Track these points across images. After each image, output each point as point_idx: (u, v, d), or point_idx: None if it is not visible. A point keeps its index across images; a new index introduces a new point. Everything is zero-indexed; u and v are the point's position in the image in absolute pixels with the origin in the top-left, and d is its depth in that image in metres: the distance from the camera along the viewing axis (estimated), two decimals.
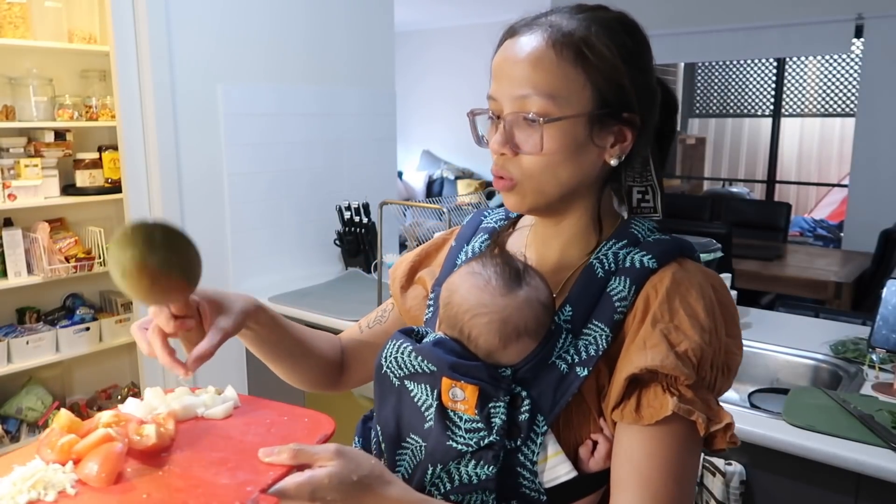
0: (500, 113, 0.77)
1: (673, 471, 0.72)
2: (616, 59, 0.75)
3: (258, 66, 2.53)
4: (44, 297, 2.76)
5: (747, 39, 4.63)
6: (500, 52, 0.78)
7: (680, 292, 0.75)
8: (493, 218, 0.94)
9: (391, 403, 0.79)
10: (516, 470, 0.74)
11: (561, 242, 0.84)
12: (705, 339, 0.72)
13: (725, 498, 1.52)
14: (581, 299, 0.77)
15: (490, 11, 7.45)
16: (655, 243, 0.79)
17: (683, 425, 0.71)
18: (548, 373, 0.75)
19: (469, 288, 0.77)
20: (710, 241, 2.17)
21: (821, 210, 6.52)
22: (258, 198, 2.59)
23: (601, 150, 0.78)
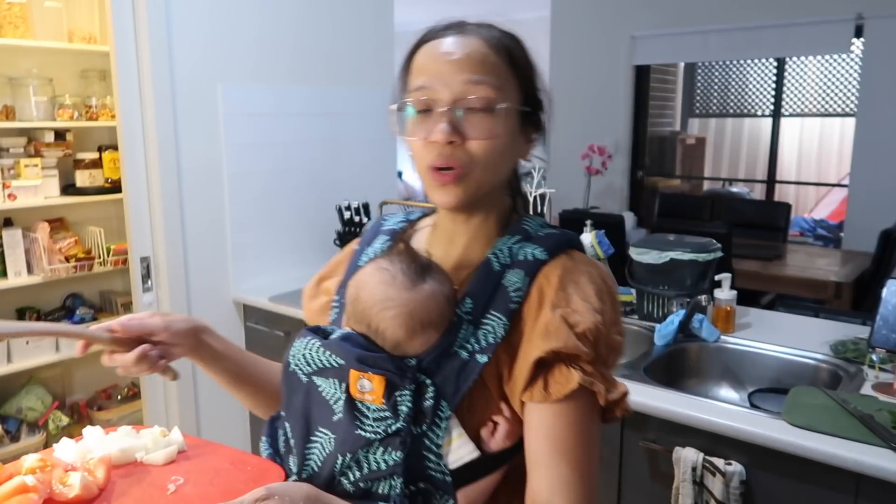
0: (434, 105, 0.80)
1: (584, 440, 0.78)
2: (532, 66, 0.85)
3: (258, 65, 2.53)
4: (44, 297, 2.76)
5: (747, 39, 4.63)
6: (429, 50, 0.82)
7: (572, 279, 0.81)
8: (393, 221, 1.00)
9: (299, 400, 0.83)
10: (423, 454, 0.78)
11: (466, 239, 0.88)
12: (599, 319, 0.78)
13: (725, 498, 1.52)
14: (480, 292, 0.82)
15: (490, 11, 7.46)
16: (546, 237, 0.85)
17: (587, 397, 0.78)
18: (450, 361, 0.79)
19: (376, 283, 0.81)
20: (710, 241, 2.17)
21: (821, 210, 6.52)
22: (258, 197, 2.59)
23: (524, 144, 0.87)
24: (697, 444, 1.59)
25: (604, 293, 0.82)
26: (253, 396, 1.03)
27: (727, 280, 2.09)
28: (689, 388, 1.98)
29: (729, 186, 6.68)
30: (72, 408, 2.77)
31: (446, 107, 0.79)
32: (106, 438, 0.81)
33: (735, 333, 2.07)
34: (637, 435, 1.70)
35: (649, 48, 5.03)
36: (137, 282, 2.35)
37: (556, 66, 5.48)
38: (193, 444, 0.85)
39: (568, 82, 5.40)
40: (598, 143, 4.81)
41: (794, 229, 5.72)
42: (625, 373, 1.81)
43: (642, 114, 5.33)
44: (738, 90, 6.49)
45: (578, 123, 5.34)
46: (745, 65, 6.31)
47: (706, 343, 2.03)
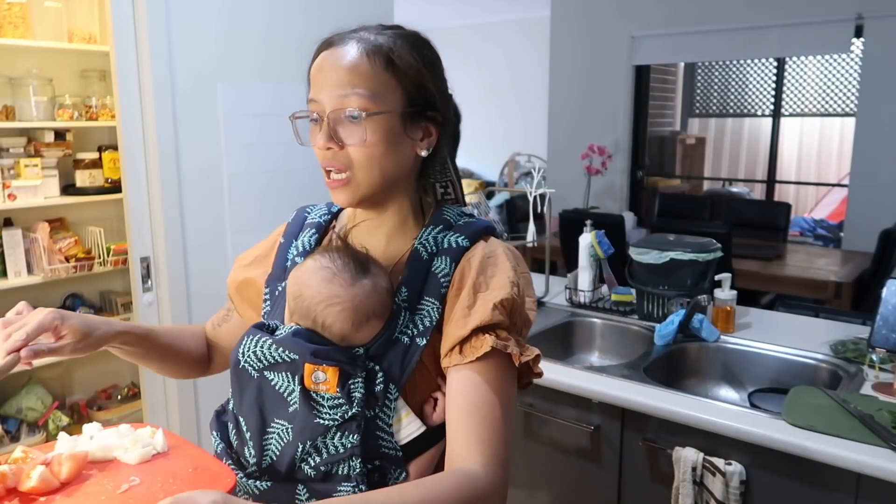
0: (322, 114, 0.88)
1: (499, 397, 0.84)
2: (419, 65, 0.89)
3: (258, 65, 2.53)
4: (44, 297, 2.76)
5: (747, 39, 4.63)
6: (317, 62, 0.90)
7: (491, 262, 0.90)
8: (316, 213, 1.06)
9: (252, 394, 0.87)
10: (376, 434, 0.85)
11: (385, 233, 0.96)
12: (515, 291, 0.87)
13: (725, 498, 1.52)
14: (413, 280, 0.90)
15: (489, 12, 7.46)
16: (465, 226, 0.94)
17: (501, 359, 0.85)
18: (394, 347, 0.87)
19: (319, 281, 0.86)
20: (710, 241, 2.17)
21: (821, 210, 6.52)
22: (258, 197, 2.59)
23: (413, 142, 0.91)
24: (697, 443, 1.59)
25: (519, 271, 0.90)
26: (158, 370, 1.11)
27: (727, 280, 2.09)
28: (689, 388, 1.98)
29: (729, 186, 6.69)
30: (72, 408, 2.77)
31: (324, 117, 0.87)
32: (99, 435, 0.86)
33: (735, 333, 2.07)
34: (637, 435, 1.70)
35: (649, 48, 5.03)
36: (137, 282, 2.35)
37: (556, 66, 5.48)
38: (177, 444, 0.89)
39: (568, 82, 5.41)
40: (598, 143, 4.81)
41: (794, 229, 5.72)
42: (625, 373, 1.81)
43: (642, 114, 5.33)
44: (738, 90, 6.49)
45: (578, 123, 5.34)
46: (745, 65, 6.31)
47: (706, 343, 2.03)
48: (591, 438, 1.78)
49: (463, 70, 7.37)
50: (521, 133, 7.20)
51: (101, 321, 0.98)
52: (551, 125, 5.56)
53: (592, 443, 1.78)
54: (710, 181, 6.94)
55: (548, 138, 5.60)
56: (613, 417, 1.74)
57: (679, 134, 6.60)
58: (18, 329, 0.87)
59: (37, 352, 0.87)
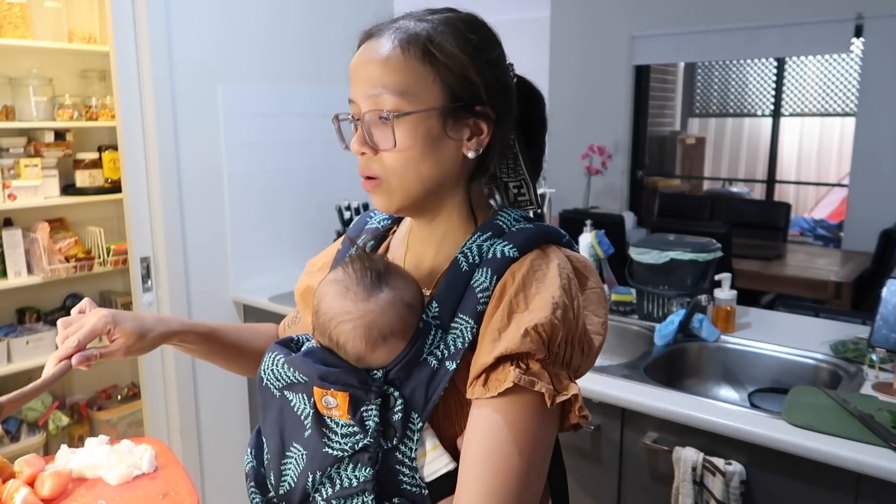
0: (359, 115, 0.80)
1: (518, 442, 0.72)
2: (461, 54, 0.78)
3: (258, 65, 2.53)
4: (44, 298, 2.76)
5: (747, 39, 4.63)
6: (354, 57, 0.82)
7: (536, 277, 0.76)
8: (377, 219, 0.97)
9: (274, 414, 0.81)
10: (395, 468, 0.75)
11: (437, 240, 0.86)
12: (557, 315, 0.73)
13: (725, 498, 1.52)
14: (447, 294, 0.79)
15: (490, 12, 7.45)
16: (518, 232, 0.81)
17: (530, 397, 0.72)
18: (419, 370, 0.76)
19: (332, 295, 0.78)
20: (710, 241, 2.17)
21: (821, 210, 6.52)
22: (258, 197, 2.59)
23: (458, 143, 0.80)
24: (697, 443, 1.59)
25: (573, 288, 0.78)
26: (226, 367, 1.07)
27: (727, 280, 2.09)
28: (689, 388, 1.98)
29: (729, 186, 6.69)
30: (72, 408, 2.77)
31: (359, 119, 0.80)
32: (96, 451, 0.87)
33: (735, 333, 2.07)
34: (637, 435, 1.70)
35: (649, 48, 5.03)
36: (137, 282, 2.35)
37: (556, 66, 5.48)
38: (165, 464, 0.88)
39: (568, 82, 5.41)
40: (598, 142, 4.81)
41: (794, 229, 5.72)
42: (625, 373, 1.81)
43: (642, 114, 5.33)
44: (738, 90, 6.49)
45: (578, 123, 5.34)
46: (745, 65, 6.31)
47: (706, 343, 2.03)
48: (591, 438, 1.78)
49: None
50: None
51: (156, 321, 0.94)
52: (551, 125, 5.53)
53: (592, 443, 1.78)
54: (710, 181, 6.94)
55: (548, 138, 5.60)
56: (613, 417, 1.73)
57: (679, 134, 6.60)
58: (73, 334, 0.87)
59: (89, 357, 0.86)
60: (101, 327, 0.88)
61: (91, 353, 0.86)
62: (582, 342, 0.76)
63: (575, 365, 0.77)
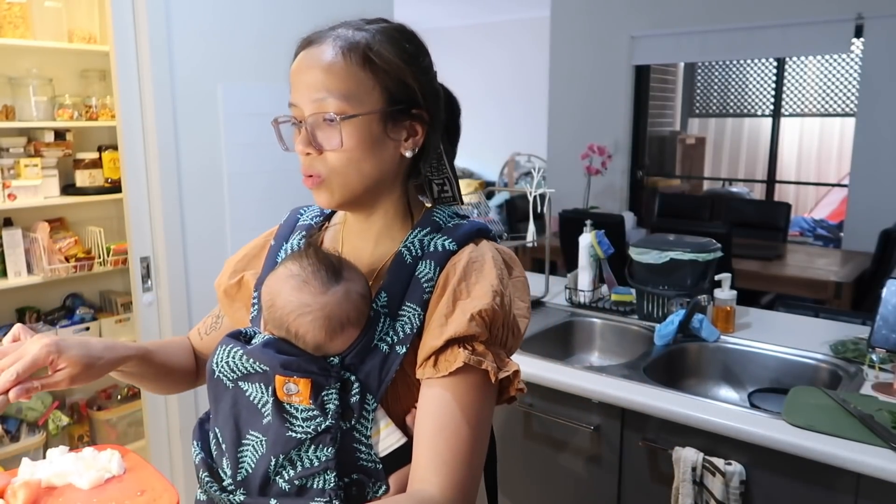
0: (302, 118, 0.85)
1: (468, 417, 0.80)
2: (398, 61, 0.84)
3: (258, 65, 2.53)
4: (44, 297, 2.76)
5: (747, 39, 4.62)
6: (295, 63, 0.87)
7: (475, 268, 0.84)
8: (308, 215, 1.01)
9: (227, 405, 0.85)
10: (353, 446, 0.82)
11: (374, 235, 0.92)
12: (497, 301, 0.81)
13: (725, 498, 1.52)
14: (394, 285, 0.86)
15: (489, 12, 7.46)
16: (455, 228, 0.89)
17: (476, 375, 0.80)
18: (372, 355, 0.83)
19: (290, 290, 0.83)
20: (710, 241, 2.17)
21: (821, 210, 6.52)
22: (258, 197, 2.59)
23: (396, 143, 0.87)
24: (697, 444, 1.59)
25: (505, 277, 0.86)
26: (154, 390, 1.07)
27: (727, 280, 2.09)
28: (689, 388, 1.98)
29: (729, 186, 6.69)
30: (72, 408, 2.77)
31: (302, 122, 0.85)
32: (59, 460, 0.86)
33: (735, 333, 2.07)
34: (637, 435, 1.70)
35: (649, 48, 5.03)
36: (137, 282, 2.35)
37: (556, 67, 5.48)
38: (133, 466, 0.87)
39: (567, 82, 5.41)
40: (598, 142, 4.81)
41: (794, 229, 5.72)
42: (625, 373, 1.81)
43: (642, 114, 5.33)
44: (738, 90, 6.49)
45: (578, 123, 5.34)
46: (745, 65, 6.31)
47: (706, 343, 2.03)
48: (591, 438, 1.78)
49: (463, 70, 7.36)
50: (521, 133, 7.20)
51: (103, 348, 0.90)
52: (551, 125, 5.56)
53: (592, 443, 1.78)
54: (709, 181, 6.94)
55: (548, 138, 5.60)
56: (613, 417, 1.74)
57: (679, 134, 6.60)
58: (10, 365, 0.81)
59: (28, 389, 0.81)
60: (42, 357, 0.82)
61: (31, 384, 0.82)
62: (513, 325, 0.85)
63: (509, 345, 0.85)
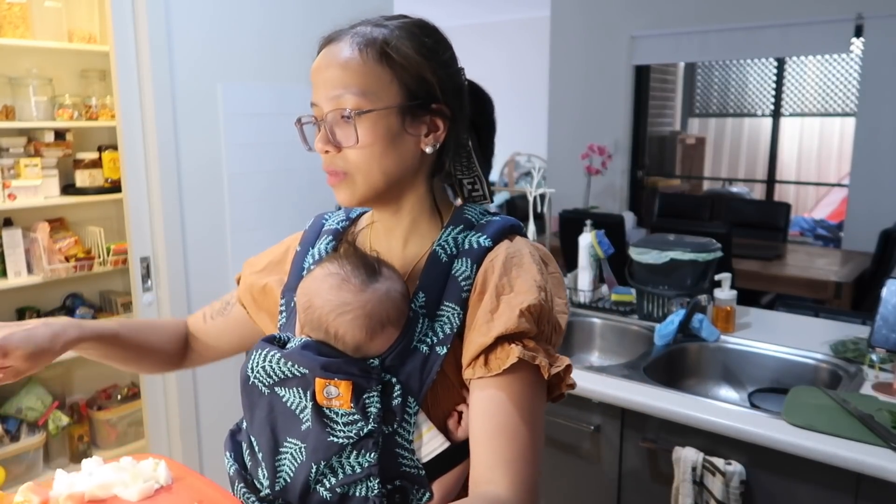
0: (322, 116, 0.85)
1: (525, 415, 0.78)
2: (416, 55, 0.83)
3: (258, 65, 2.53)
4: (44, 297, 2.76)
5: (747, 39, 4.63)
6: (315, 62, 0.86)
7: (514, 263, 0.83)
8: (334, 220, 1.00)
9: (263, 412, 0.83)
10: (395, 451, 0.79)
11: (403, 233, 0.90)
12: (542, 297, 0.80)
13: (725, 498, 1.52)
14: (431, 284, 0.84)
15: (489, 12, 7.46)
16: (488, 224, 0.88)
17: (529, 372, 0.79)
18: (412, 357, 0.81)
19: (328, 288, 0.81)
20: (710, 241, 2.17)
21: (821, 210, 6.52)
22: (258, 197, 2.59)
23: (416, 138, 0.85)
24: (697, 443, 1.59)
25: (546, 273, 0.85)
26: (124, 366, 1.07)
27: (727, 280, 2.09)
28: (689, 388, 1.98)
29: (729, 186, 6.69)
30: (72, 408, 2.77)
31: (322, 120, 0.84)
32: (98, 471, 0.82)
33: (735, 333, 2.07)
34: (637, 435, 1.70)
35: (649, 48, 5.03)
36: (137, 282, 2.35)
37: (556, 66, 5.48)
38: (181, 476, 0.83)
39: (568, 82, 5.40)
40: (598, 142, 4.81)
41: (794, 229, 5.72)
42: (625, 373, 1.81)
43: (642, 114, 5.33)
44: (738, 90, 6.50)
45: (578, 123, 5.34)
46: (745, 65, 6.32)
47: (706, 343, 2.03)
48: (591, 438, 1.78)
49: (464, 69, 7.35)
50: (521, 133, 7.19)
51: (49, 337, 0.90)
52: (551, 125, 5.56)
53: (592, 443, 1.78)
54: (710, 181, 6.94)
55: (548, 138, 5.60)
56: (613, 417, 1.74)
57: (679, 134, 6.60)
58: None
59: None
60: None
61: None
62: (555, 321, 0.83)
63: (553, 341, 0.83)
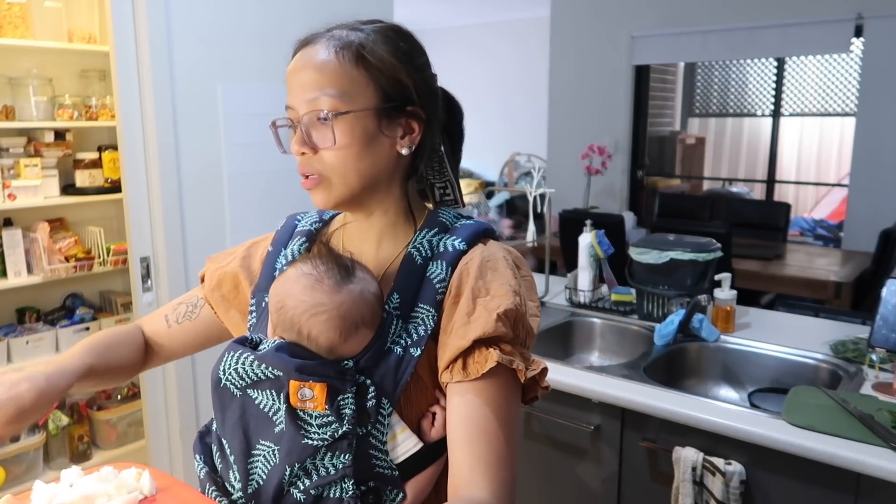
0: (297, 119, 0.85)
1: (503, 418, 0.79)
2: (392, 58, 0.84)
3: (258, 65, 2.53)
4: (44, 297, 2.76)
5: (747, 39, 4.62)
6: (290, 65, 0.87)
7: (489, 266, 0.84)
8: (307, 221, 0.99)
9: (235, 415, 0.82)
10: (369, 453, 0.79)
11: (375, 236, 0.91)
12: (517, 301, 0.81)
13: (725, 498, 1.52)
14: (406, 286, 0.84)
15: (490, 11, 7.46)
16: (463, 228, 0.89)
17: (506, 375, 0.79)
18: (386, 358, 0.81)
19: (302, 289, 0.80)
20: (710, 241, 2.17)
21: (820, 210, 6.52)
22: (258, 197, 2.59)
23: (392, 140, 0.86)
24: (697, 443, 1.59)
25: (519, 276, 0.86)
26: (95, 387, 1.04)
27: (727, 280, 2.09)
28: (689, 388, 1.98)
29: (729, 186, 6.69)
30: (72, 408, 2.77)
31: (297, 123, 0.85)
32: (79, 482, 0.79)
33: (735, 333, 2.07)
34: (637, 435, 1.70)
35: (649, 48, 5.03)
36: (137, 282, 2.35)
37: (556, 66, 5.48)
38: (167, 486, 0.82)
39: (568, 82, 5.40)
40: (598, 143, 4.81)
41: (794, 229, 5.72)
42: (625, 373, 1.81)
43: (642, 114, 5.33)
44: (738, 90, 6.49)
45: (578, 123, 5.34)
46: (745, 65, 6.32)
47: (706, 343, 2.03)
48: (591, 438, 1.78)
49: (462, 70, 7.36)
50: (521, 133, 7.20)
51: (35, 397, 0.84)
52: (551, 125, 5.55)
53: (592, 443, 1.78)
54: (709, 181, 6.94)
55: (548, 138, 5.60)
56: (613, 417, 1.74)
57: (679, 134, 6.60)
58: None
59: None
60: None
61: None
62: (528, 325, 0.84)
63: (528, 344, 0.84)
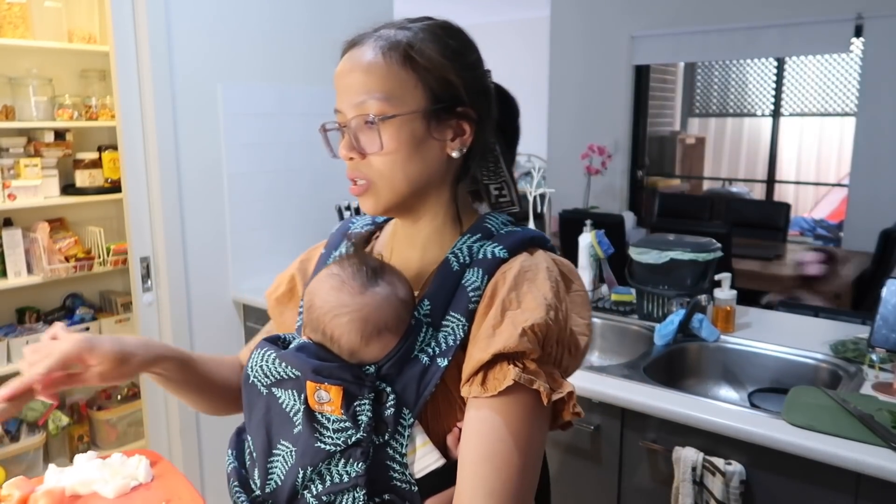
0: (345, 122, 0.82)
1: (518, 441, 0.74)
2: (440, 58, 0.81)
3: (258, 65, 2.53)
4: (44, 297, 2.76)
5: (747, 39, 4.62)
6: (338, 67, 0.84)
7: (527, 277, 0.78)
8: (359, 224, 0.99)
9: (260, 412, 0.81)
10: (386, 464, 0.76)
11: (421, 241, 0.87)
12: (551, 316, 0.75)
13: (725, 498, 1.52)
14: (438, 293, 0.80)
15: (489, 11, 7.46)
16: (507, 235, 0.84)
17: (528, 396, 0.74)
18: (411, 367, 0.77)
19: (328, 289, 0.79)
20: (710, 241, 2.17)
21: (820, 210, 6.52)
22: (258, 198, 2.59)
23: (442, 143, 0.82)
24: (697, 443, 1.59)
25: (561, 290, 0.80)
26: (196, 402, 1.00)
27: (727, 280, 2.09)
28: (689, 387, 1.98)
29: (729, 186, 6.68)
30: (72, 408, 2.77)
31: (345, 126, 0.82)
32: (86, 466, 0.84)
33: (735, 333, 2.07)
34: (637, 435, 1.70)
35: (649, 48, 5.03)
36: (137, 282, 2.35)
37: (556, 66, 5.48)
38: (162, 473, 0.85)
39: (568, 82, 5.40)
40: (598, 143, 4.81)
41: (794, 229, 5.72)
42: (625, 373, 1.81)
43: (642, 114, 5.33)
44: (738, 90, 6.49)
45: (578, 123, 5.34)
46: (744, 64, 6.32)
47: (706, 343, 2.03)
48: (591, 438, 1.78)
49: None
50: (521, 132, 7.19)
51: (139, 345, 0.87)
52: (551, 125, 5.55)
53: (592, 443, 1.78)
54: (709, 181, 6.94)
55: (548, 138, 5.60)
56: (613, 417, 1.73)
57: (679, 134, 6.60)
58: (41, 360, 0.81)
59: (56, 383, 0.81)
60: (74, 354, 0.82)
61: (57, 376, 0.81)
62: (570, 343, 0.79)
63: (564, 364, 0.79)
